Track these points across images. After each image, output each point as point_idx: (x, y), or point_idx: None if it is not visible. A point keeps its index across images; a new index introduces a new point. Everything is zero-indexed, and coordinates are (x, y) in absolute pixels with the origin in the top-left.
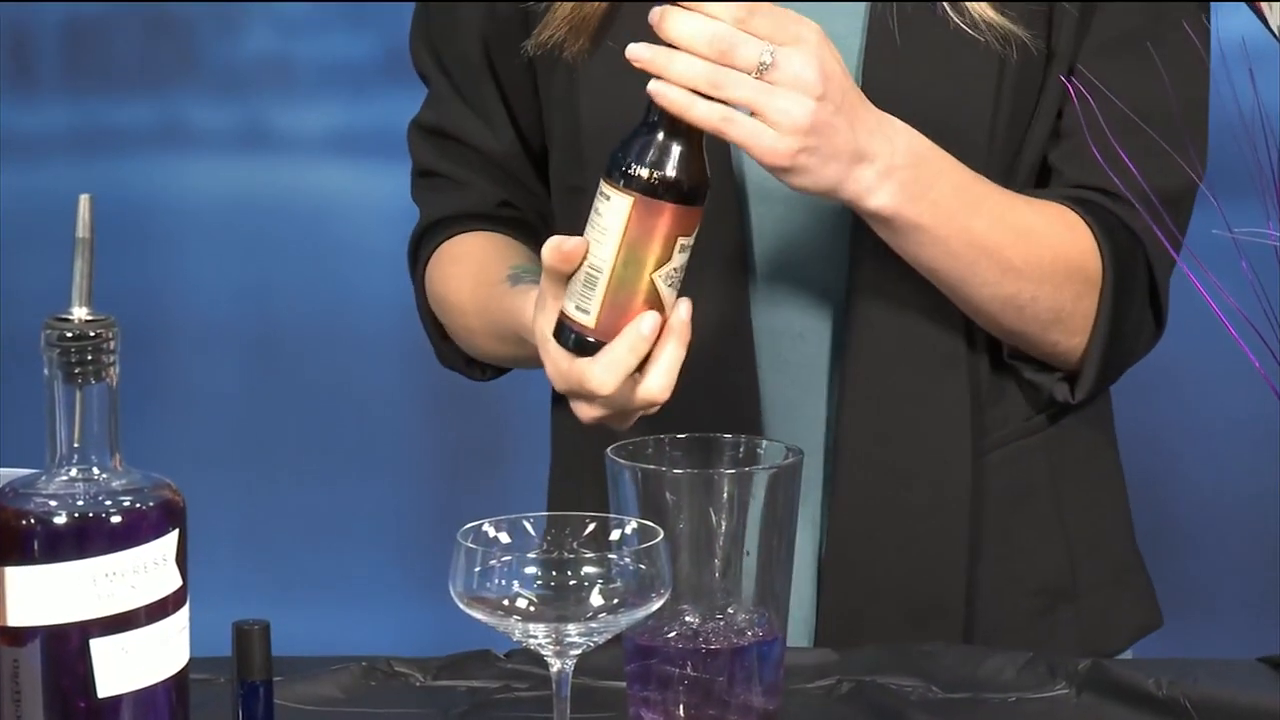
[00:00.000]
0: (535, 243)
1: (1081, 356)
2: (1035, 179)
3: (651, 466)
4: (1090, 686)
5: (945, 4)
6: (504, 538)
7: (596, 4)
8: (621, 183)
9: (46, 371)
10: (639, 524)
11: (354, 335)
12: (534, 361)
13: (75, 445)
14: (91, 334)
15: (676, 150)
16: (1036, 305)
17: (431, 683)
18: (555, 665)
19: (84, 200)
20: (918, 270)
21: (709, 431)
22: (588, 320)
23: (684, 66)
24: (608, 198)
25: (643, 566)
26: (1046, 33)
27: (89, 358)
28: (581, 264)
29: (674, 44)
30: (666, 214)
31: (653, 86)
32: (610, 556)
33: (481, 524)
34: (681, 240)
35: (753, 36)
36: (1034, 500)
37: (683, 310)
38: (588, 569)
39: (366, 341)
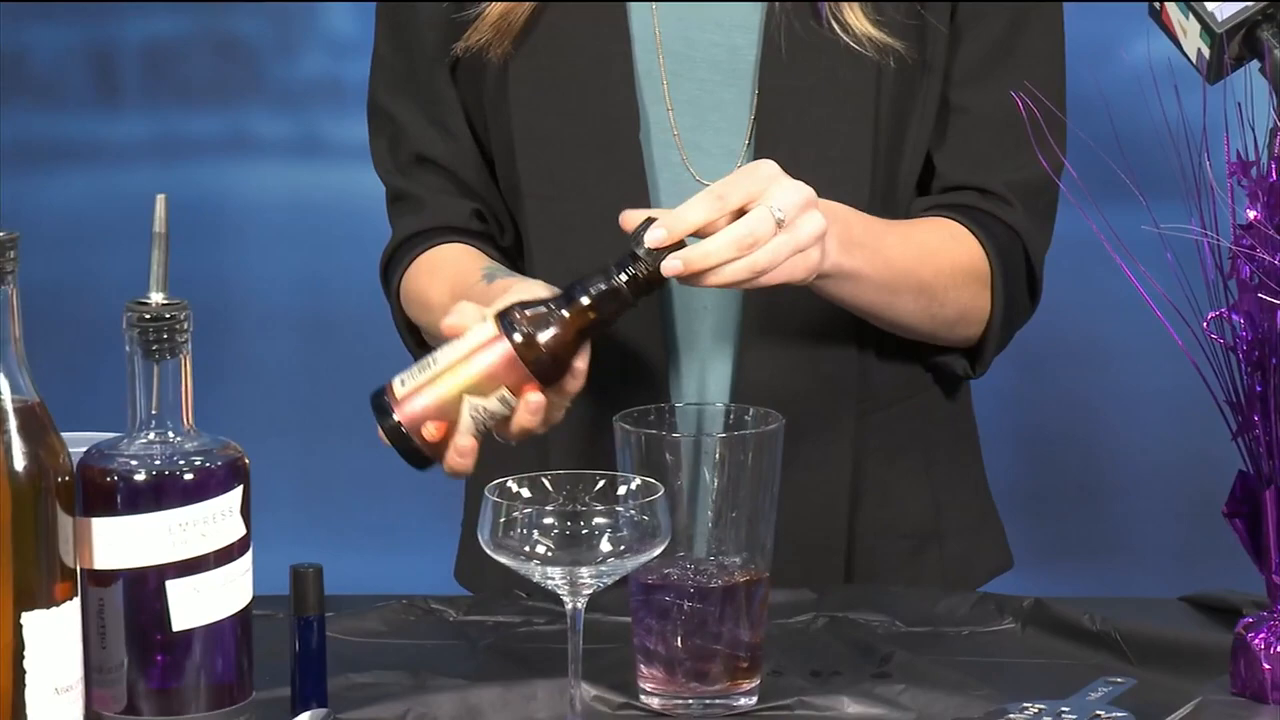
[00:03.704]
0: (501, 255)
1: (980, 340)
2: (916, 180)
3: (653, 431)
4: (1033, 621)
5: (831, 21)
6: (526, 493)
7: (525, 5)
8: (502, 321)
9: (128, 348)
10: (642, 481)
11: None
12: None
13: (153, 412)
14: (167, 315)
15: (552, 332)
16: (945, 310)
17: (463, 618)
18: (570, 603)
19: (160, 200)
20: (848, 310)
21: (620, 399)
22: (400, 390)
23: (730, 273)
24: (485, 320)
25: (645, 518)
26: (920, 47)
27: (165, 336)
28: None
29: (711, 263)
30: (511, 364)
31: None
32: (617, 509)
33: (506, 481)
34: (505, 392)
35: (759, 207)
36: (905, 457)
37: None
38: (598, 520)
39: None
